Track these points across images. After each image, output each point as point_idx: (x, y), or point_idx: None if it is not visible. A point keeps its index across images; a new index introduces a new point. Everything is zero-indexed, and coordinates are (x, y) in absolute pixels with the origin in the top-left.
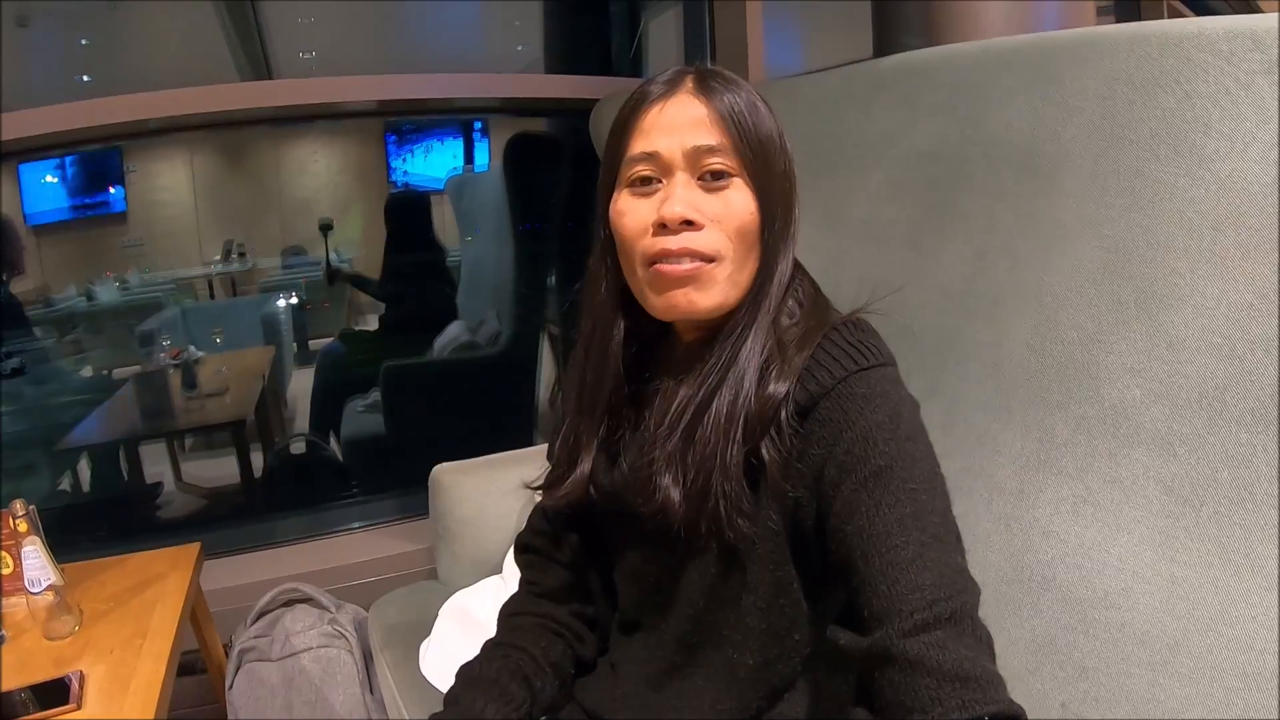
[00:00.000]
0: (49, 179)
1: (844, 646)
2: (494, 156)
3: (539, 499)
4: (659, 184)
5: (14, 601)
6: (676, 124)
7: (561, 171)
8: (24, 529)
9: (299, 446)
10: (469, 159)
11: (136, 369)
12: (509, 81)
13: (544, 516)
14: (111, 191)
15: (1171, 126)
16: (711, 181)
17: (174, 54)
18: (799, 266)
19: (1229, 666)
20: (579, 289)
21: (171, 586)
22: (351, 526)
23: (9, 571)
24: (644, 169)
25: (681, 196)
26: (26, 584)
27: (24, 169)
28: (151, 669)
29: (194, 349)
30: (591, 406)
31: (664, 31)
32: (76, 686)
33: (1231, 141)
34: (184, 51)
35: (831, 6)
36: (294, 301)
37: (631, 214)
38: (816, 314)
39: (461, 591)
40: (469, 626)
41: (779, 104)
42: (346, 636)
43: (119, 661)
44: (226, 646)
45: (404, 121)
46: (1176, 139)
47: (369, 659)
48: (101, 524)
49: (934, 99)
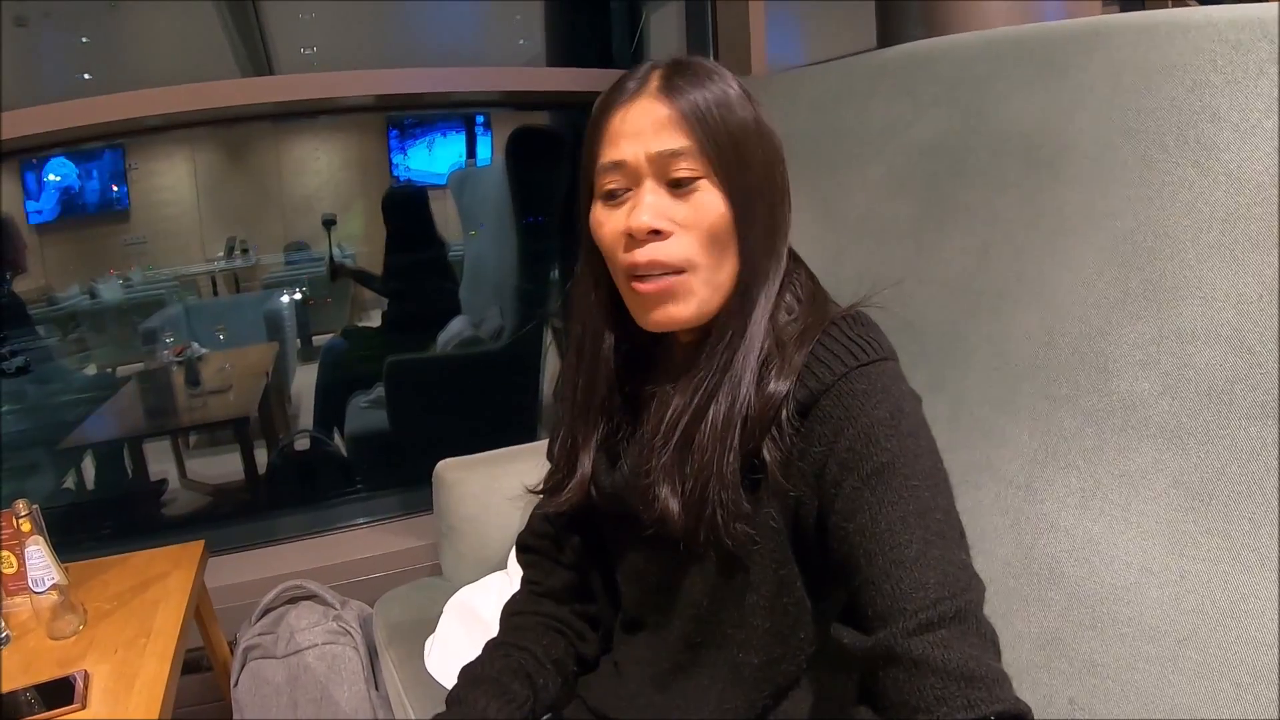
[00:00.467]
0: (52, 177)
1: (847, 645)
2: (496, 151)
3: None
4: (628, 193)
5: (18, 601)
6: (640, 129)
7: (564, 165)
8: (27, 528)
9: (303, 443)
10: (471, 154)
11: (140, 366)
12: (510, 75)
13: (545, 516)
14: (114, 190)
15: (1179, 116)
16: (677, 187)
17: (174, 52)
18: (796, 260)
19: (1238, 662)
20: (569, 286)
21: (175, 585)
22: (356, 523)
23: (13, 571)
24: (612, 180)
25: (649, 205)
26: (30, 583)
27: (25, 168)
28: (156, 668)
29: (197, 346)
30: (586, 411)
31: (665, 25)
32: (81, 686)
33: (1240, 131)
34: (184, 50)
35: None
36: (297, 298)
37: (607, 225)
38: (815, 309)
39: (466, 588)
40: (474, 623)
41: (780, 98)
42: (351, 633)
43: (123, 660)
44: (231, 644)
45: (406, 117)
46: (1184, 129)
47: (374, 656)
48: (106, 522)
49: (936, 90)
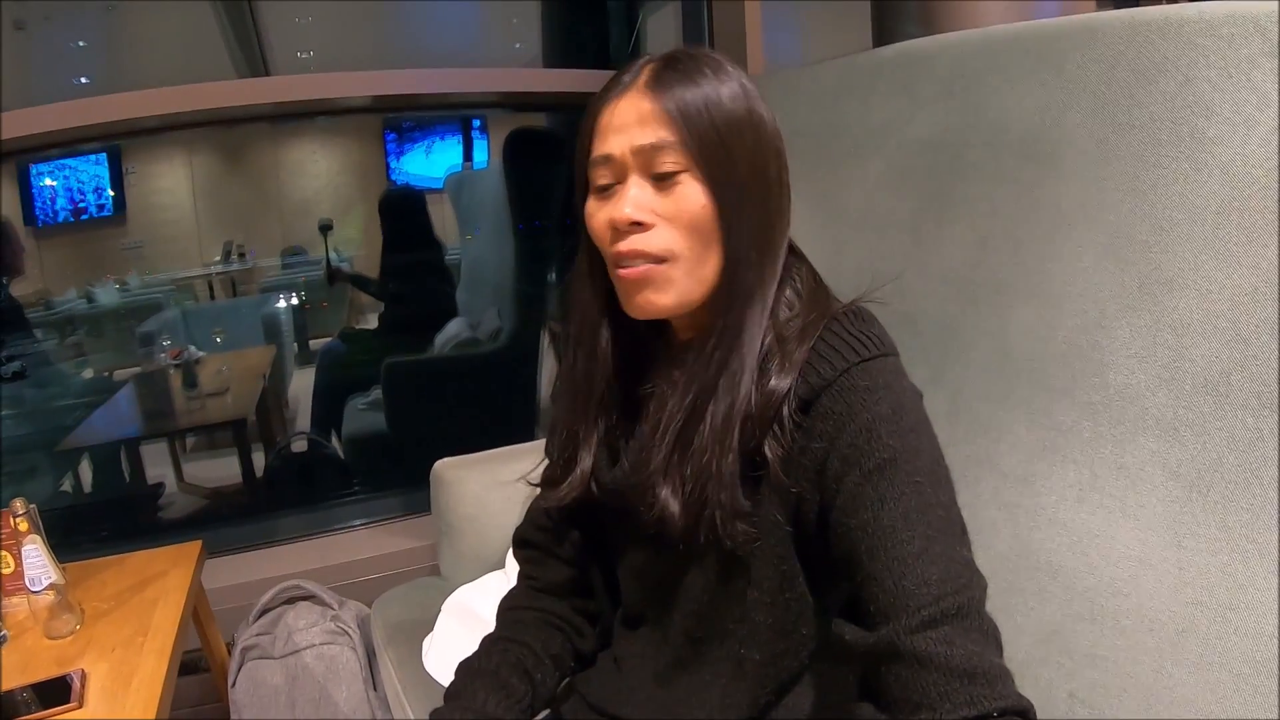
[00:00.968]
0: (48, 182)
1: (849, 642)
2: (493, 154)
3: (539, 493)
4: (617, 187)
5: (15, 601)
6: (626, 123)
7: (561, 167)
8: (24, 528)
9: (300, 445)
10: (468, 156)
11: (137, 370)
12: (506, 76)
13: (544, 511)
14: (111, 193)
15: (1173, 111)
16: (661, 181)
17: (172, 56)
18: (797, 255)
19: (1237, 653)
20: (565, 283)
21: (173, 584)
22: (354, 524)
23: (10, 571)
24: (602, 174)
25: (632, 198)
26: (27, 583)
27: (23, 170)
28: (153, 666)
29: (194, 349)
30: (585, 406)
31: (663, 25)
32: (78, 685)
33: (1233, 125)
34: (182, 54)
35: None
36: (294, 302)
37: (596, 217)
38: (816, 304)
39: (464, 587)
40: (472, 622)
41: (778, 96)
42: (349, 633)
43: (120, 660)
44: (229, 645)
45: (403, 119)
46: (1178, 123)
47: (372, 656)
48: (104, 525)
49: (933, 87)
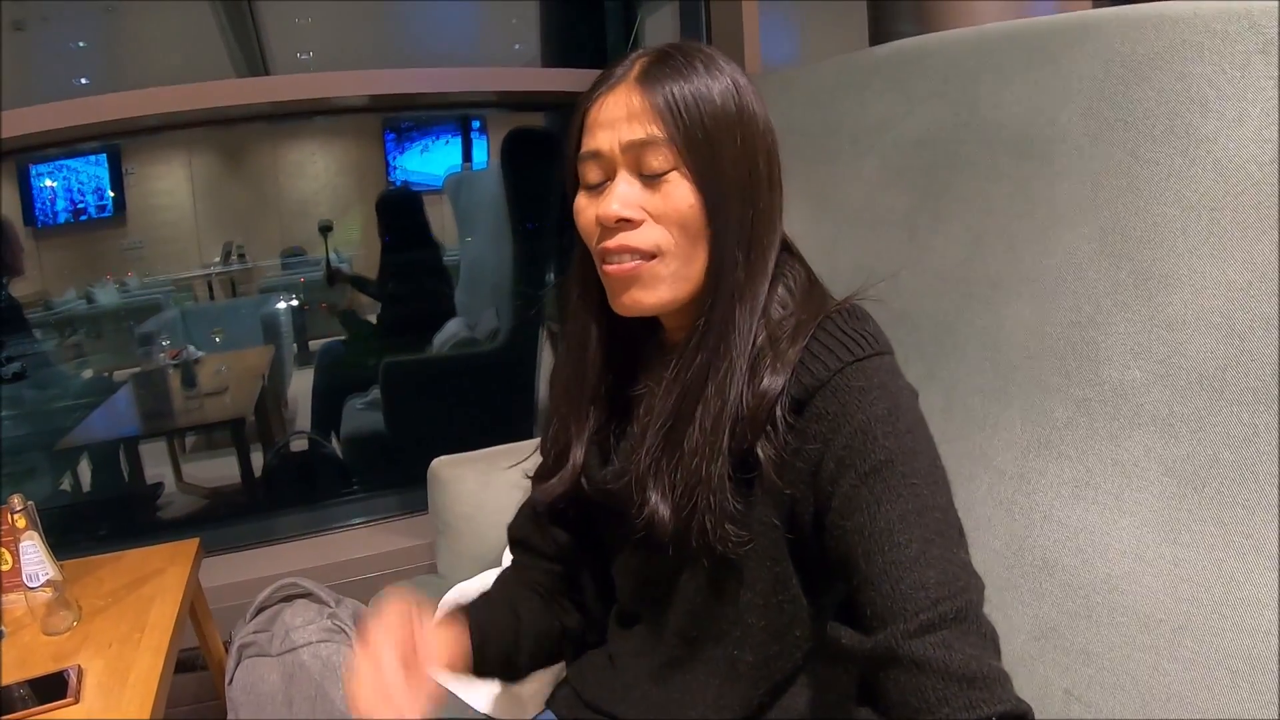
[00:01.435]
0: (48, 182)
1: (846, 646)
2: (492, 155)
3: (530, 493)
4: (607, 183)
5: (13, 598)
6: (615, 119)
7: (559, 167)
8: (22, 524)
9: (299, 444)
10: (467, 157)
11: (136, 370)
12: (505, 76)
13: (533, 510)
14: (111, 194)
15: (1167, 107)
16: (650, 178)
17: (171, 56)
18: (791, 253)
19: (1233, 649)
20: (560, 281)
21: (170, 582)
22: (352, 523)
23: (8, 567)
24: (591, 170)
25: (620, 194)
26: (25, 579)
27: (22, 170)
28: (150, 663)
29: (193, 349)
30: (577, 400)
31: (661, 25)
32: (75, 681)
33: (1228, 121)
34: (181, 54)
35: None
36: (294, 303)
37: (585, 213)
38: (810, 303)
39: (461, 585)
40: None
41: (775, 95)
42: (346, 631)
43: (117, 656)
44: (227, 643)
45: (403, 120)
46: (1172, 120)
47: None
48: (102, 525)
49: (928, 85)
